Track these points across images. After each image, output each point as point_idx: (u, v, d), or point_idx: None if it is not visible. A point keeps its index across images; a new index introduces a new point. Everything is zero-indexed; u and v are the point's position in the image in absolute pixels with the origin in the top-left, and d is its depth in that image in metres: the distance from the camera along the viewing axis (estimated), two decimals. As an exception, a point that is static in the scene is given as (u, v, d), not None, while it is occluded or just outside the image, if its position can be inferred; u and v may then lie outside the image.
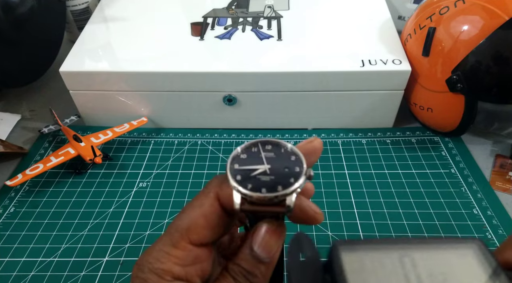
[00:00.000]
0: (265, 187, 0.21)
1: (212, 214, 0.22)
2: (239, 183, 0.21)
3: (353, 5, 0.64)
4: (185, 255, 0.21)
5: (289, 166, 0.22)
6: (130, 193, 0.50)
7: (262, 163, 0.22)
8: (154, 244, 0.22)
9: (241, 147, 0.23)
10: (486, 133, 0.56)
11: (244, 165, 0.22)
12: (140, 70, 0.52)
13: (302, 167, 0.22)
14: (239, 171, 0.22)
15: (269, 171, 0.22)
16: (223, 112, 0.56)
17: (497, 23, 0.42)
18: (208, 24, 0.61)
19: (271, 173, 0.22)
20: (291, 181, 0.21)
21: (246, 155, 0.23)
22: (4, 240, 0.44)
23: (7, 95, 0.66)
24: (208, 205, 0.22)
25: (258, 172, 0.22)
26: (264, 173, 0.22)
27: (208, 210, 0.22)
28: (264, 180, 0.21)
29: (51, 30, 0.66)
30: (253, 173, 0.22)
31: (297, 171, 0.22)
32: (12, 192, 0.50)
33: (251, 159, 0.23)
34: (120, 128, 0.55)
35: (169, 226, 0.22)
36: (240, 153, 0.23)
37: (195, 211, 0.22)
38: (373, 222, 0.45)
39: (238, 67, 0.52)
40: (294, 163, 0.22)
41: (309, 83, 0.53)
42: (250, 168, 0.22)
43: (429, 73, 0.49)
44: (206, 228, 0.22)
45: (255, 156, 0.23)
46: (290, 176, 0.21)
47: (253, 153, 0.23)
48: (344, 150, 0.55)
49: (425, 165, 0.52)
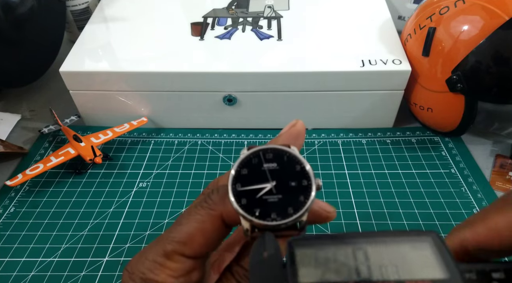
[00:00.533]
0: (275, 210, 0.19)
1: (212, 232, 0.21)
2: (245, 209, 0.19)
3: (353, 5, 0.64)
4: (178, 267, 0.20)
5: (296, 179, 0.20)
6: (130, 193, 0.50)
7: (267, 179, 0.20)
8: (146, 252, 0.21)
9: (239, 161, 0.21)
10: (486, 133, 0.56)
11: (248, 184, 0.20)
12: (140, 70, 0.52)
13: (310, 179, 0.20)
14: (244, 193, 0.20)
15: (276, 189, 0.20)
16: (223, 112, 0.56)
17: (497, 23, 0.42)
18: (208, 24, 0.61)
19: (278, 191, 0.20)
20: (301, 200, 0.19)
21: (247, 169, 0.20)
22: (4, 240, 0.44)
23: (7, 95, 0.66)
24: (209, 222, 0.20)
25: (263, 192, 0.20)
26: (271, 191, 0.20)
27: (209, 228, 0.20)
28: (272, 201, 0.19)
29: (51, 30, 0.66)
30: (259, 194, 0.20)
31: (305, 185, 0.20)
32: (12, 192, 0.50)
33: (253, 175, 0.20)
34: (120, 128, 0.55)
35: (163, 236, 0.21)
36: (240, 167, 0.21)
37: (194, 226, 0.20)
38: (373, 222, 0.45)
39: (238, 67, 0.52)
40: (300, 174, 0.20)
41: (309, 83, 0.53)
42: (255, 188, 0.20)
43: (429, 73, 0.49)
44: (202, 245, 0.20)
45: (257, 169, 0.20)
46: (299, 193, 0.20)
47: (254, 165, 0.21)
48: (344, 150, 0.55)
49: (425, 165, 0.52)
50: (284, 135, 0.23)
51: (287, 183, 0.20)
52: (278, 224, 0.19)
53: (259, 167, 0.20)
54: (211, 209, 0.21)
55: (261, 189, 0.20)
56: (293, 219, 0.19)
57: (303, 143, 0.23)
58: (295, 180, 0.20)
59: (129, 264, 0.21)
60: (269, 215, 0.19)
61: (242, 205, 0.19)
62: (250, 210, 0.19)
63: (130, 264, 0.21)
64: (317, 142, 0.56)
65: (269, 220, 0.19)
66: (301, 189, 0.20)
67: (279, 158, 0.21)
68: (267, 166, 0.20)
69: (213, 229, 0.20)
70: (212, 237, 0.21)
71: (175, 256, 0.20)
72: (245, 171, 0.20)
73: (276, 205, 0.19)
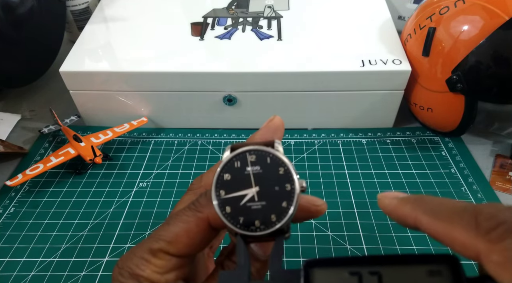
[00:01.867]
0: (258, 218, 0.19)
1: (197, 234, 0.21)
2: (229, 218, 0.19)
3: (353, 5, 0.64)
4: (163, 264, 0.21)
5: (279, 183, 0.20)
6: (130, 193, 0.50)
7: (250, 184, 0.20)
8: (135, 249, 0.22)
9: (222, 166, 0.20)
10: (486, 133, 0.56)
11: (231, 192, 0.20)
12: (140, 70, 0.52)
13: (293, 183, 0.20)
14: (227, 201, 0.20)
15: (259, 196, 0.20)
16: (223, 112, 0.56)
17: (497, 23, 0.42)
18: (208, 24, 0.61)
19: (261, 197, 0.20)
20: (283, 206, 0.19)
21: (230, 175, 0.20)
22: (4, 240, 0.44)
23: (7, 95, 0.66)
24: (194, 224, 0.21)
25: (247, 199, 0.20)
26: (254, 198, 0.20)
27: (194, 229, 0.21)
28: (255, 208, 0.19)
29: (51, 30, 0.66)
30: (242, 200, 0.20)
31: (288, 190, 0.19)
32: (12, 192, 0.50)
33: (236, 181, 0.20)
34: (120, 128, 0.55)
35: (152, 234, 0.22)
36: (223, 172, 0.20)
37: (179, 226, 0.21)
38: (373, 222, 0.45)
39: (238, 67, 0.52)
40: (283, 177, 0.20)
41: (309, 83, 0.53)
42: (238, 195, 0.20)
43: (429, 73, 0.49)
44: (187, 245, 0.21)
45: (240, 174, 0.20)
46: (282, 198, 0.19)
47: (237, 169, 0.20)
48: (344, 150, 0.55)
49: (425, 165, 0.52)
50: (262, 130, 0.24)
51: (271, 188, 0.20)
52: (260, 234, 0.19)
53: (242, 170, 0.20)
54: (198, 211, 0.21)
55: (244, 196, 0.20)
56: (275, 229, 0.19)
57: (282, 136, 0.24)
58: (278, 184, 0.20)
59: (119, 260, 0.22)
60: (252, 223, 0.19)
61: (227, 213, 0.19)
62: (235, 218, 0.19)
63: (120, 260, 0.22)
64: (317, 142, 0.56)
65: (253, 229, 0.19)
66: (284, 195, 0.19)
67: (262, 160, 0.20)
68: (250, 169, 0.20)
69: (198, 231, 0.21)
70: (197, 238, 0.21)
71: (160, 254, 0.21)
72: (228, 176, 0.20)
73: (260, 212, 0.19)
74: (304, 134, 0.57)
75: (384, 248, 0.42)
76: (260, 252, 0.21)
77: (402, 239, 0.43)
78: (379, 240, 0.43)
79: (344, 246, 0.43)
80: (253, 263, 0.22)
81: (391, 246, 0.43)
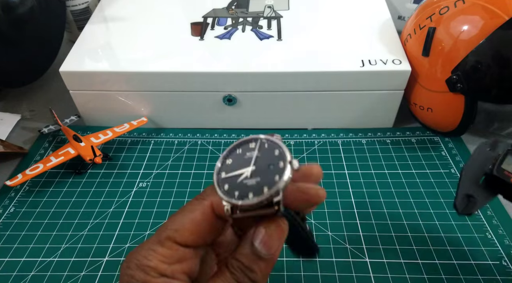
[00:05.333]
0: (252, 191, 0.21)
1: (202, 221, 0.22)
2: (226, 193, 0.21)
3: (353, 5, 0.64)
4: (170, 254, 0.21)
5: (273, 162, 0.21)
6: (130, 193, 0.50)
7: (248, 165, 0.22)
8: (143, 243, 0.22)
9: (224, 153, 0.23)
10: (486, 133, 0.56)
11: (230, 172, 0.22)
12: (140, 70, 0.52)
13: (286, 161, 0.21)
14: (226, 180, 0.22)
15: (255, 173, 0.21)
16: (223, 112, 0.56)
17: (497, 23, 0.42)
18: (208, 24, 0.61)
19: (256, 174, 0.21)
20: (275, 179, 0.20)
21: (232, 159, 0.22)
22: (4, 240, 0.44)
23: (7, 95, 0.66)
24: (200, 212, 0.22)
25: (243, 177, 0.21)
26: (250, 176, 0.21)
27: (199, 217, 0.22)
28: (250, 184, 0.21)
29: (51, 30, 0.66)
30: (239, 178, 0.21)
31: (281, 167, 0.21)
32: (12, 192, 0.50)
33: (236, 163, 0.22)
34: (120, 128, 0.55)
35: (159, 228, 0.23)
36: (226, 158, 0.22)
37: (186, 215, 0.22)
38: (373, 222, 0.45)
39: (238, 67, 0.52)
40: (278, 157, 0.21)
41: (309, 83, 0.53)
42: (236, 174, 0.21)
43: (429, 73, 0.49)
44: (193, 233, 0.22)
45: (240, 158, 0.22)
46: (275, 173, 0.21)
47: (238, 155, 0.22)
48: (344, 150, 0.55)
49: (425, 165, 0.52)
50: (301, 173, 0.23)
51: (266, 167, 0.21)
52: (251, 202, 0.20)
53: (242, 156, 0.22)
54: (203, 198, 0.23)
55: (241, 174, 0.21)
56: (266, 197, 0.20)
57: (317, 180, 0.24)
58: (273, 164, 0.21)
59: (127, 256, 0.23)
60: (246, 195, 0.21)
61: (225, 190, 0.21)
62: (231, 193, 0.21)
63: (127, 256, 0.23)
64: (317, 142, 0.56)
65: (246, 199, 0.20)
66: (277, 170, 0.21)
67: (261, 146, 0.22)
68: (249, 154, 0.22)
69: (204, 218, 0.22)
70: (202, 225, 0.22)
71: (168, 242, 0.22)
72: (230, 161, 0.22)
73: (254, 187, 0.21)
74: (304, 134, 0.57)
75: (384, 248, 0.42)
76: (264, 250, 0.21)
77: (402, 239, 0.43)
78: (379, 240, 0.43)
79: (344, 246, 0.43)
80: (258, 262, 0.22)
81: (391, 246, 0.43)
